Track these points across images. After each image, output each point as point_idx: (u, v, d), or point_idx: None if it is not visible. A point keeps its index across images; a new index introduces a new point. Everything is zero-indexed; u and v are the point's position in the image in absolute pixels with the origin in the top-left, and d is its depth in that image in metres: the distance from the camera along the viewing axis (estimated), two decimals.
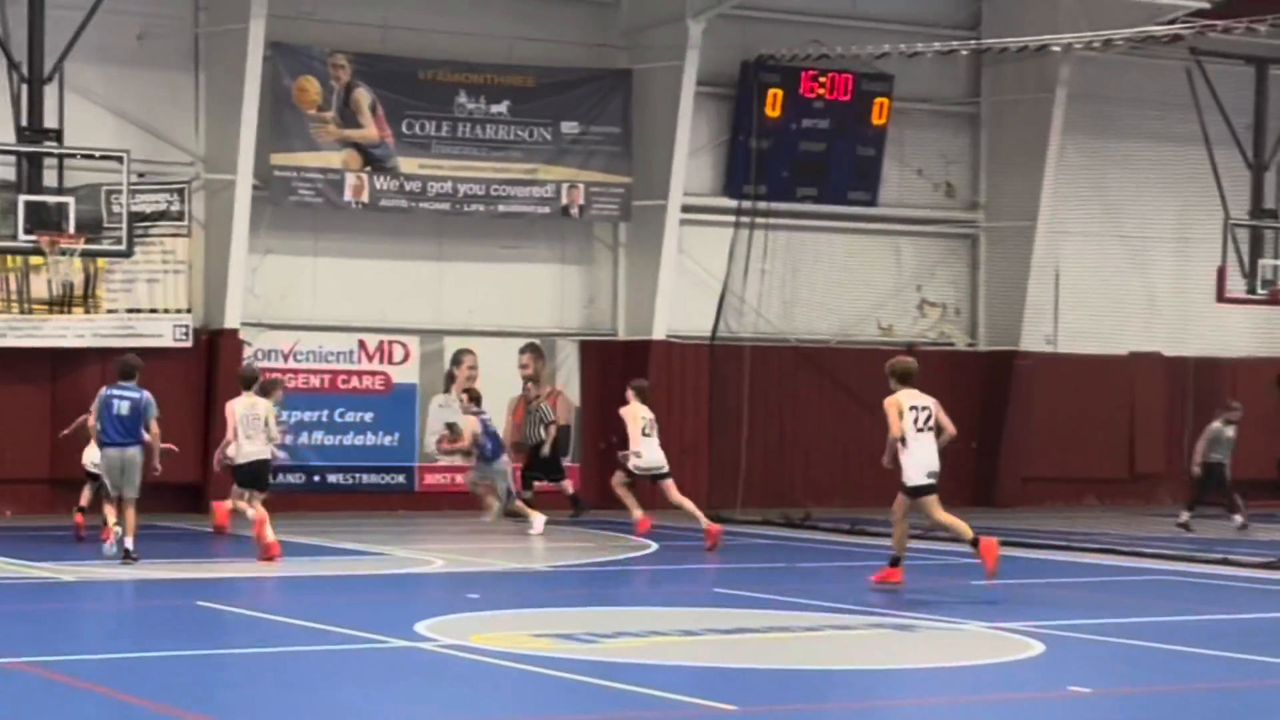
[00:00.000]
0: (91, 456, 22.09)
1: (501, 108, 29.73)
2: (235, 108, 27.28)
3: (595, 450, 30.68)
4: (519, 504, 25.18)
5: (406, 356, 29.56)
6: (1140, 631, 16.18)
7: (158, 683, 12.83)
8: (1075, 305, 32.97)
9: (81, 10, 24.94)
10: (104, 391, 20.67)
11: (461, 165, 29.43)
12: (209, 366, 27.71)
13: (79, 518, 23.12)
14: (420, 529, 26.41)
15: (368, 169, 28.83)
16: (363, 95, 28.76)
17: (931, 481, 19.00)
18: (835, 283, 32.53)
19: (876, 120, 32.35)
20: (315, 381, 28.60)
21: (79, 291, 26.76)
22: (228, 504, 23.17)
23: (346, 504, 27.84)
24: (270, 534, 20.98)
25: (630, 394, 24.55)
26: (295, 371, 28.03)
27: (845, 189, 32.44)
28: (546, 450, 28.42)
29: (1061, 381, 32.54)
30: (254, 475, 21.86)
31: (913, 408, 18.87)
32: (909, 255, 33.63)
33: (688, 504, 23.73)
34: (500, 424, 29.56)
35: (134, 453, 20.53)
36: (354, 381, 28.93)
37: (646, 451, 23.96)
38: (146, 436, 20.53)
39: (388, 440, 29.25)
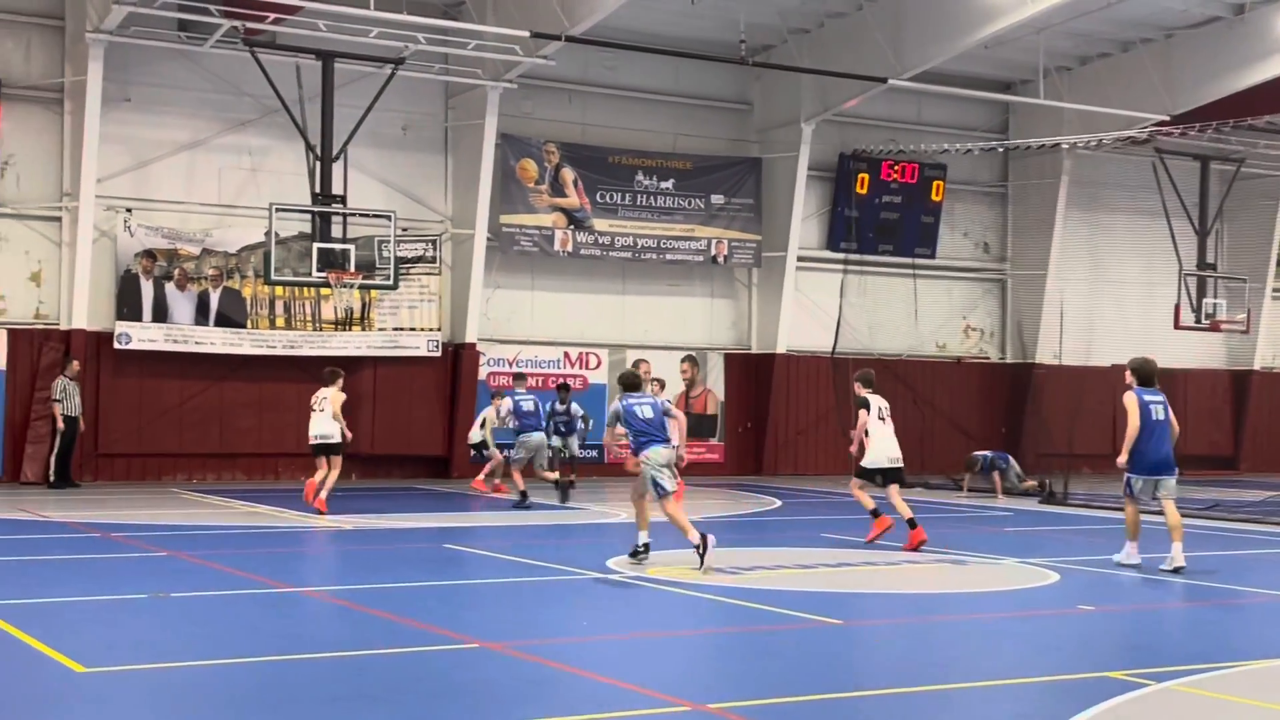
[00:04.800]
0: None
1: (668, 184, 29.15)
2: (474, 181, 26.87)
3: (735, 431, 30.29)
4: (515, 474, 22.05)
5: (599, 364, 28.87)
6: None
7: (413, 605, 12.43)
8: (1074, 330, 32.17)
9: (360, 108, 24.49)
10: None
11: (639, 225, 28.91)
12: (453, 371, 27.17)
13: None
14: (609, 490, 25.36)
15: (571, 227, 28.26)
16: (568, 173, 28.21)
17: None
18: (905, 313, 31.94)
19: (935, 197, 31.96)
20: (532, 382, 27.54)
21: (357, 315, 26.36)
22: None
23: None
24: (318, 493, 19.75)
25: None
26: (516, 375, 27.08)
27: (912, 246, 31.89)
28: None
29: (1065, 385, 31.67)
30: (322, 449, 20.04)
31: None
32: (957, 294, 33.10)
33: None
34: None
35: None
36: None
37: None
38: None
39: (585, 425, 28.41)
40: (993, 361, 33.29)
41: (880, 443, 17.27)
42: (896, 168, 31.15)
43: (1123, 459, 15.14)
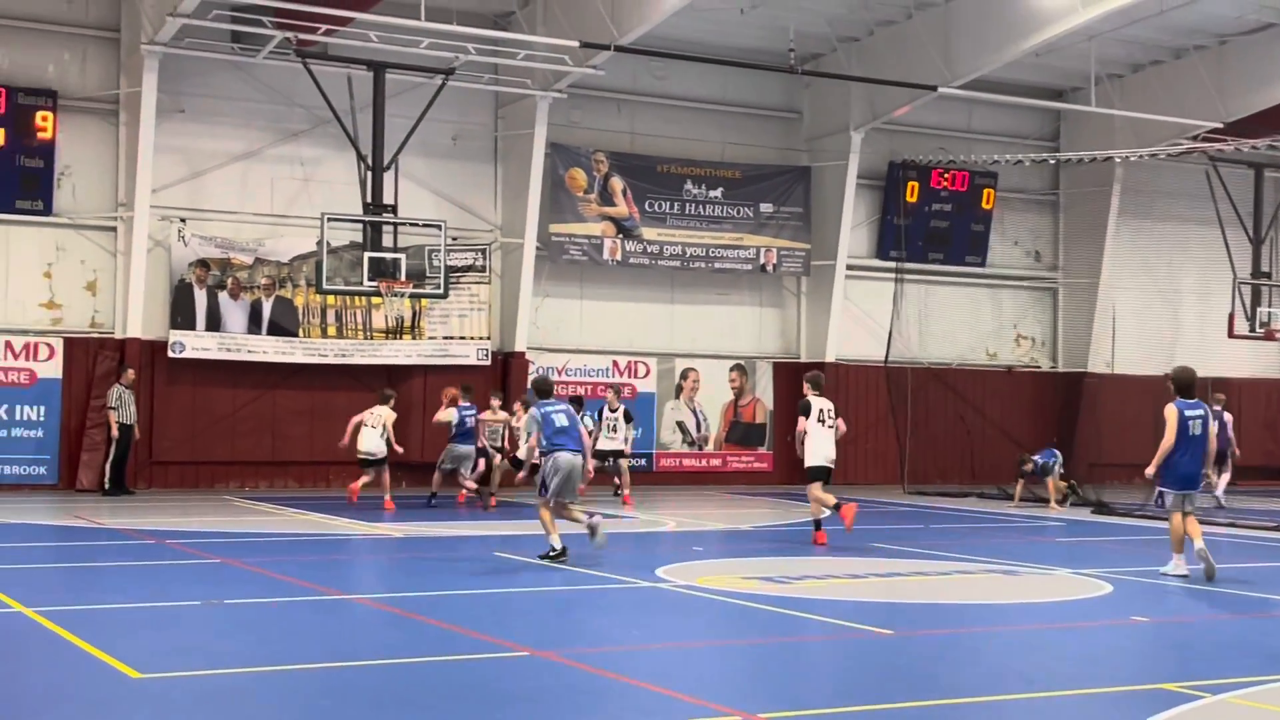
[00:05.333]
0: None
1: (717, 193, 29.11)
2: (523, 190, 26.94)
3: (783, 441, 29.75)
4: (470, 484, 23.16)
5: (647, 372, 28.89)
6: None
7: (464, 613, 12.43)
8: (1126, 339, 31.99)
9: (411, 118, 24.46)
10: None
11: (688, 234, 28.88)
12: (503, 379, 27.11)
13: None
14: (656, 499, 25.46)
15: (620, 236, 28.28)
16: (617, 182, 28.25)
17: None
18: (955, 322, 31.91)
19: (985, 205, 31.87)
20: (581, 390, 27.81)
21: (408, 323, 26.47)
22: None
23: (602, 480, 26.69)
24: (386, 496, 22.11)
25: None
26: (566, 383, 27.40)
27: (963, 254, 31.82)
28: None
29: (1117, 394, 31.45)
30: (368, 463, 22.28)
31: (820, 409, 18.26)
32: (1008, 302, 32.93)
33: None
34: (715, 423, 29.41)
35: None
36: (609, 390, 28.03)
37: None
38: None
39: (634, 434, 28.24)
40: (1044, 370, 33.10)
41: (819, 444, 18.07)
42: (947, 175, 31.08)
43: (1151, 470, 15.24)
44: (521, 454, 20.54)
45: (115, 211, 24.90)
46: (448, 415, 23.02)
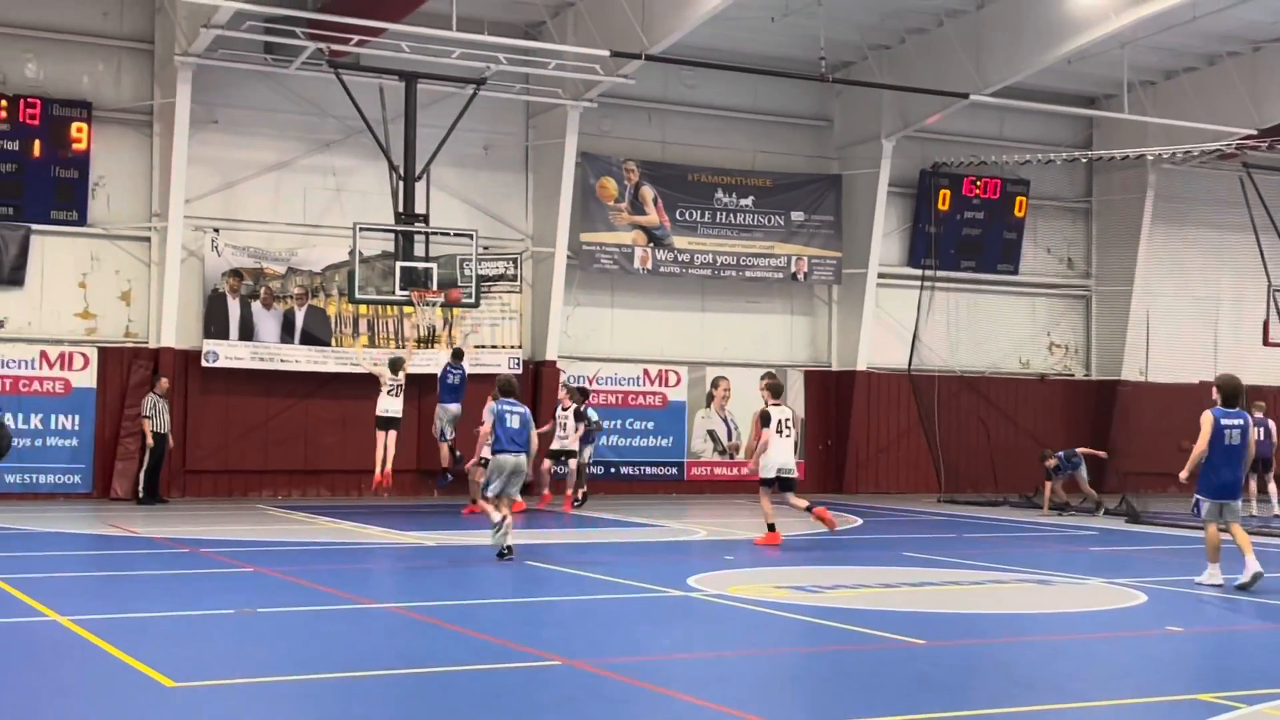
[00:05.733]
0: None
1: (748, 201, 29.11)
2: (554, 199, 27.03)
3: (815, 449, 30.12)
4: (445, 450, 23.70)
5: (678, 381, 28.90)
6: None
7: (496, 622, 12.46)
8: (1160, 346, 31.80)
9: (443, 128, 24.64)
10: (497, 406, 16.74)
11: (719, 243, 28.91)
12: (534, 387, 27.16)
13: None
14: (688, 508, 25.49)
15: (651, 245, 28.34)
16: (648, 191, 28.29)
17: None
18: (987, 330, 31.77)
19: (1018, 213, 31.79)
20: (612, 399, 28.09)
21: (439, 332, 26.54)
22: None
23: (634, 489, 27.20)
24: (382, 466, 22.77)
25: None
26: (597, 391, 27.49)
27: (995, 262, 31.73)
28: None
29: (1152, 402, 31.30)
30: (394, 423, 22.98)
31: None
32: (1041, 310, 32.82)
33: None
34: (745, 432, 29.14)
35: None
36: (640, 399, 28.41)
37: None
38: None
39: (664, 442, 28.66)
40: (1077, 379, 32.96)
41: (774, 454, 18.64)
42: (979, 184, 30.99)
43: (1184, 474, 15.14)
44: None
45: (149, 222, 25.04)
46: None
